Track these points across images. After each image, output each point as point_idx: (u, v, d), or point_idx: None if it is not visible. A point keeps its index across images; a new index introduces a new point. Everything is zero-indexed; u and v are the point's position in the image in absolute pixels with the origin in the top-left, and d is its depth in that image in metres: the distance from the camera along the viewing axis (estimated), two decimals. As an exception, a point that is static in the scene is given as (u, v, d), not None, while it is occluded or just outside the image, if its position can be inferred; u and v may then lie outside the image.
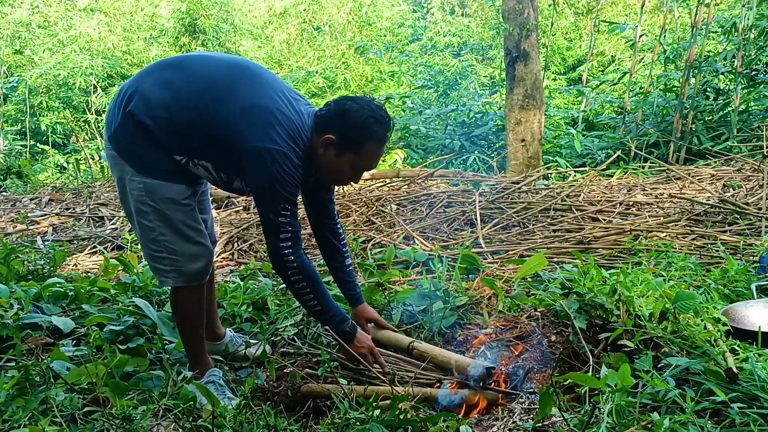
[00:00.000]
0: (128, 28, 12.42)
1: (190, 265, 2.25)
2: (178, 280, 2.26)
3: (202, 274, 2.30)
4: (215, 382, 2.34)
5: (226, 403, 2.16)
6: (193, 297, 2.32)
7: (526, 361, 2.41)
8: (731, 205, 4.32)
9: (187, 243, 2.24)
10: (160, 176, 2.15)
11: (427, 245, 4.03)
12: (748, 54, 7.56)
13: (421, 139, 9.09)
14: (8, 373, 2.33)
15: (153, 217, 2.18)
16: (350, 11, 13.69)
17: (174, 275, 2.25)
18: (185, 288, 2.28)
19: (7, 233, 5.31)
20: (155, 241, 2.22)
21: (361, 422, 1.86)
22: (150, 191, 2.16)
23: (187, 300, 2.32)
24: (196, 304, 2.34)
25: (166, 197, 2.17)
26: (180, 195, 2.19)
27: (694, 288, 2.77)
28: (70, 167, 9.89)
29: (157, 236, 2.21)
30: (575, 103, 10.56)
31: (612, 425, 1.73)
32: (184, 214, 2.22)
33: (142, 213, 2.19)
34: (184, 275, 2.25)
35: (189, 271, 2.25)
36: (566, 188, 5.26)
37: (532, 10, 6.69)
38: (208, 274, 2.35)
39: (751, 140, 6.80)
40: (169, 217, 2.19)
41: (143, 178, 2.14)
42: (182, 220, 2.21)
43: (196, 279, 2.28)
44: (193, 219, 2.25)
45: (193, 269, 2.26)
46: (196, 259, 2.26)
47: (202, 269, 2.28)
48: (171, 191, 2.17)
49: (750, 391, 1.84)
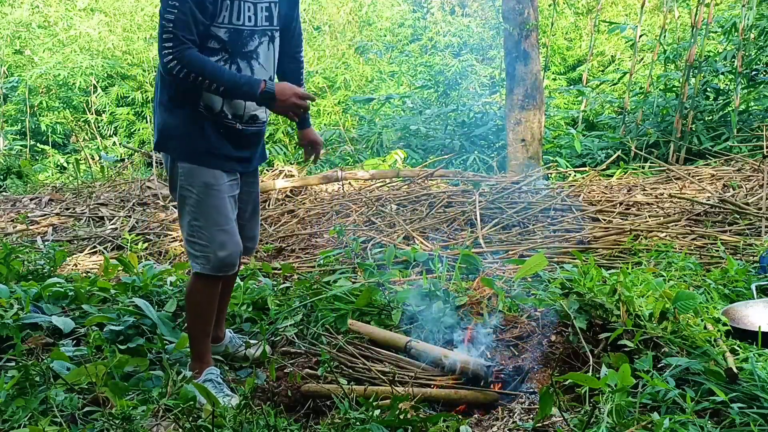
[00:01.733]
0: (128, 28, 12.39)
1: (218, 252, 2.28)
2: (205, 267, 2.30)
3: (227, 265, 2.32)
4: (213, 380, 2.35)
5: (225, 401, 2.17)
6: (208, 289, 2.36)
7: (526, 361, 2.41)
8: (731, 205, 4.32)
9: (217, 229, 2.29)
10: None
11: (427, 245, 4.03)
12: (748, 54, 7.55)
13: (421, 139, 9.08)
14: (8, 373, 2.33)
15: (191, 201, 2.28)
16: (350, 11, 13.69)
17: (202, 261, 2.31)
18: (206, 277, 2.33)
19: (7, 233, 5.31)
20: (189, 226, 2.31)
21: (361, 422, 1.86)
22: (188, 175, 2.26)
23: (203, 290, 2.37)
24: (209, 296, 2.38)
25: (202, 182, 2.26)
26: (216, 181, 2.28)
27: (694, 288, 2.77)
28: (70, 167, 9.88)
29: (191, 220, 2.30)
30: (575, 103, 10.54)
31: (612, 425, 1.73)
32: (219, 200, 2.28)
33: (182, 198, 2.31)
34: (212, 263, 2.29)
35: (216, 260, 2.29)
36: (566, 188, 5.26)
37: (532, 10, 6.68)
38: (233, 268, 2.38)
39: (751, 140, 6.79)
40: (203, 202, 2.27)
41: (182, 163, 2.28)
42: (215, 205, 2.28)
43: (221, 269, 2.32)
44: (226, 207, 2.31)
45: (220, 258, 2.29)
46: (222, 248, 2.28)
47: (227, 259, 2.31)
48: (207, 176, 2.26)
49: (750, 391, 1.84)
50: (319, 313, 2.91)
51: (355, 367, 2.42)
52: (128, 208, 6.03)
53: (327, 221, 5.08)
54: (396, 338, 2.55)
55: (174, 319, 2.94)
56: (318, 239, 4.68)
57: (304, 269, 3.87)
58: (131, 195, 6.55)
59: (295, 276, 3.66)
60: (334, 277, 3.44)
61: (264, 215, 5.40)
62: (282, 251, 4.54)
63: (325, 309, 2.91)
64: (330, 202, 5.62)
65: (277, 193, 6.16)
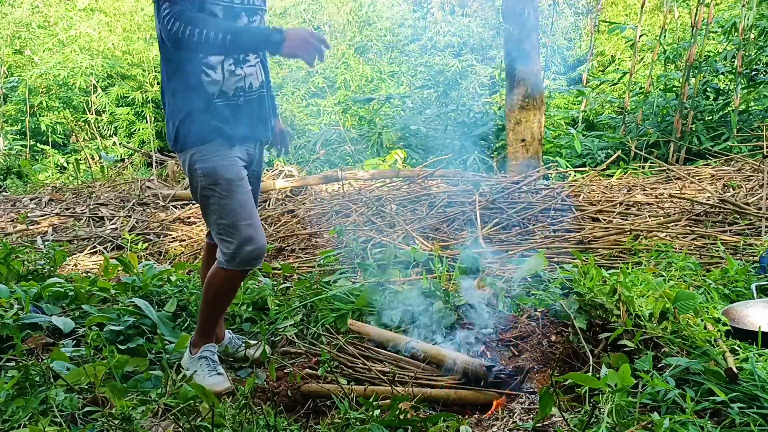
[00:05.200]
0: (128, 28, 12.40)
1: (244, 248, 2.29)
2: (231, 263, 2.31)
3: (255, 258, 2.33)
4: (208, 357, 2.41)
5: (211, 381, 2.26)
6: (231, 283, 2.38)
7: (526, 361, 2.41)
8: (731, 205, 4.32)
9: (243, 224, 2.28)
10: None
11: (427, 245, 4.03)
12: (748, 54, 7.56)
13: (421, 139, 9.08)
14: (8, 373, 2.33)
15: (214, 200, 2.27)
16: (350, 11, 13.69)
17: (228, 258, 2.31)
18: (231, 271, 2.33)
19: (7, 233, 5.31)
20: (216, 225, 2.31)
21: (361, 422, 1.86)
22: (208, 176, 2.25)
23: (225, 282, 2.37)
24: (231, 287, 2.41)
25: (224, 178, 2.25)
26: (236, 175, 2.27)
27: (694, 288, 2.77)
28: (70, 167, 9.89)
29: (217, 219, 2.30)
30: (575, 103, 10.54)
31: (612, 425, 1.72)
32: (242, 194, 2.28)
33: (204, 198, 2.30)
34: (239, 258, 2.30)
35: (244, 254, 2.29)
36: (566, 188, 5.26)
37: (532, 10, 6.68)
38: (260, 262, 2.38)
39: (751, 140, 6.79)
40: (226, 198, 2.26)
41: (201, 165, 2.25)
42: (239, 200, 2.27)
43: (249, 263, 2.32)
44: (249, 202, 2.31)
45: (248, 251, 2.29)
46: (250, 242, 2.29)
47: (254, 252, 2.31)
48: (227, 172, 2.25)
49: (750, 391, 1.84)
50: (319, 313, 2.91)
51: (355, 367, 2.42)
52: (128, 208, 6.04)
53: (327, 221, 5.09)
54: (397, 338, 2.55)
55: (174, 319, 2.95)
56: (318, 239, 4.68)
57: (304, 269, 3.87)
58: (131, 195, 6.56)
59: (295, 276, 3.66)
60: (334, 277, 3.44)
61: (264, 215, 5.41)
62: (282, 251, 4.54)
63: (325, 309, 2.91)
64: (330, 202, 5.62)
65: (277, 193, 6.16)
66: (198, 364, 2.42)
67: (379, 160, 7.50)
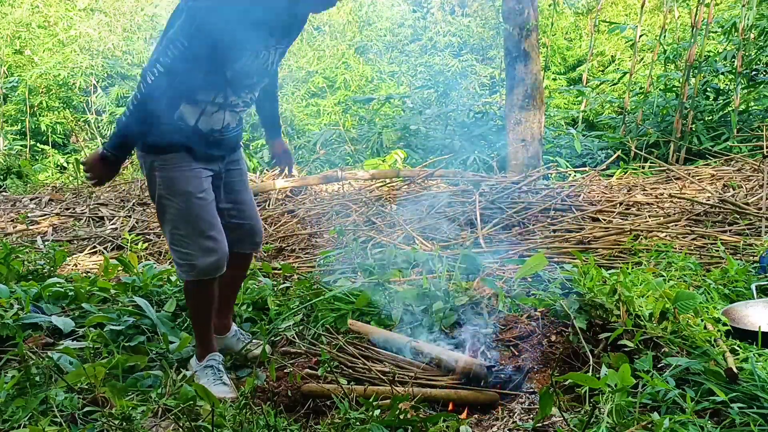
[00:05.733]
0: (128, 28, 12.40)
1: (202, 259, 2.28)
2: (190, 274, 2.32)
3: (214, 269, 2.33)
4: (213, 366, 2.41)
5: (218, 390, 2.23)
6: (202, 291, 2.38)
7: (526, 361, 2.41)
8: (731, 205, 4.32)
9: (200, 237, 2.27)
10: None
11: (427, 245, 4.03)
12: (748, 54, 7.55)
13: (421, 139, 9.08)
14: (8, 373, 2.33)
15: (171, 210, 2.27)
16: (350, 11, 13.67)
17: (186, 269, 2.32)
18: (195, 281, 2.34)
19: (7, 233, 5.31)
20: (171, 234, 2.30)
21: (361, 422, 1.86)
22: (168, 185, 2.24)
23: (197, 293, 2.39)
24: (205, 298, 2.40)
25: (184, 191, 2.24)
26: (196, 188, 2.25)
27: (694, 288, 2.77)
28: (70, 167, 9.88)
29: (172, 229, 2.29)
30: (575, 103, 10.54)
31: (612, 425, 1.73)
32: (200, 208, 2.27)
33: (161, 206, 2.29)
34: (196, 269, 2.30)
35: (202, 266, 2.29)
36: (566, 188, 5.26)
37: (532, 10, 6.68)
38: (221, 271, 2.38)
39: (751, 140, 6.79)
40: (184, 211, 2.25)
41: (161, 173, 2.25)
42: (197, 214, 2.26)
43: (207, 274, 2.32)
44: (209, 213, 2.30)
45: (207, 263, 2.29)
46: (208, 254, 2.28)
47: (213, 264, 2.31)
48: (188, 184, 2.24)
49: (750, 391, 1.84)
50: (319, 313, 2.91)
51: (355, 367, 2.42)
52: (128, 208, 6.04)
53: (327, 221, 5.08)
54: (397, 338, 2.55)
55: (174, 319, 2.95)
56: (318, 239, 4.68)
57: (304, 269, 3.87)
58: (131, 195, 6.56)
59: (295, 276, 3.66)
60: (334, 277, 3.44)
61: (264, 215, 5.40)
62: (282, 251, 4.54)
63: (325, 309, 2.91)
64: (330, 202, 5.62)
65: (277, 193, 6.16)
66: (204, 372, 2.43)
67: (379, 160, 7.49)
